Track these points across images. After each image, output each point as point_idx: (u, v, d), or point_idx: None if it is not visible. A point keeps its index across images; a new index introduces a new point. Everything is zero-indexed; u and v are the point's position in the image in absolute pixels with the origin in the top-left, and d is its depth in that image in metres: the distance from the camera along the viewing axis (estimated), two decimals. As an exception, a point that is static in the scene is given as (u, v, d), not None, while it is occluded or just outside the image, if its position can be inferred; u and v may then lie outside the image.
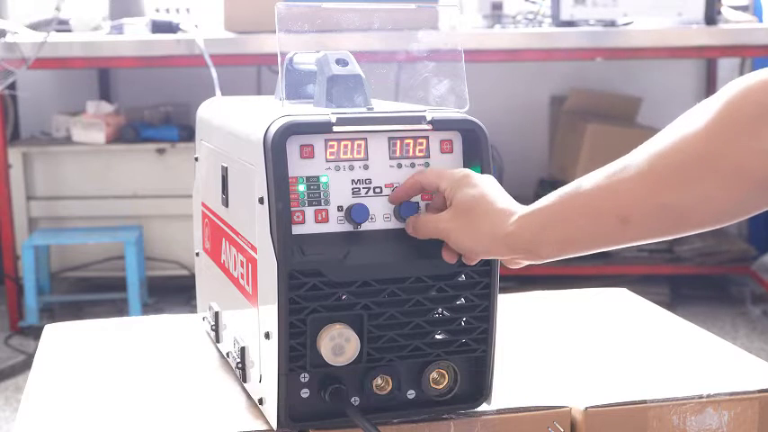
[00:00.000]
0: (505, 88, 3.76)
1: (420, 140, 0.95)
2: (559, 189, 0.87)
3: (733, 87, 0.77)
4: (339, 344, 0.90)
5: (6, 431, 2.30)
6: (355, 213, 0.92)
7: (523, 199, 0.91)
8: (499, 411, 0.98)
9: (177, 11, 3.23)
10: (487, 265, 0.94)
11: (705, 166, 0.77)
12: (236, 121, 1.04)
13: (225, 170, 1.05)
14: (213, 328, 1.13)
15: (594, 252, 0.88)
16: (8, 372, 2.70)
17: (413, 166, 0.95)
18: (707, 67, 3.79)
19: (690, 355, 1.17)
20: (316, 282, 0.90)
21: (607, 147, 3.00)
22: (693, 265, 3.28)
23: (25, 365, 2.70)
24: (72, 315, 3.10)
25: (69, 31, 3.15)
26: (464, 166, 0.96)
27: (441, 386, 0.96)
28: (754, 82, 0.76)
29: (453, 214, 0.91)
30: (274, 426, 0.93)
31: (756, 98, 0.75)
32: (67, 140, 3.25)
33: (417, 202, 0.95)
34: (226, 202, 1.06)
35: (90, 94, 3.62)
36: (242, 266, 1.00)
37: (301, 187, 0.91)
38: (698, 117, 0.78)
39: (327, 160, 0.93)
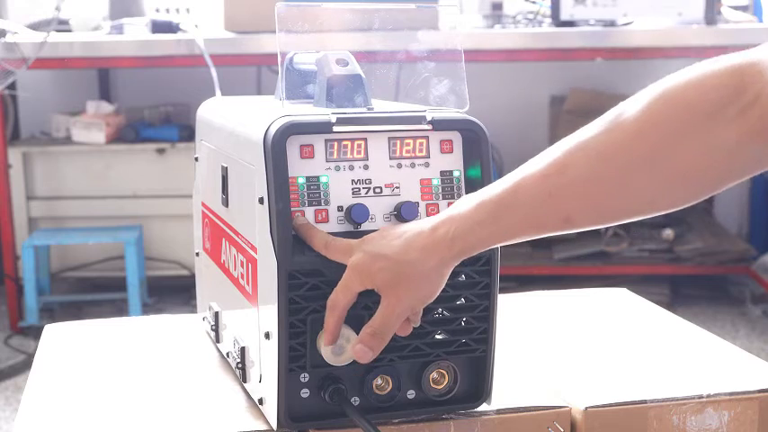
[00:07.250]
0: (505, 88, 3.76)
1: (420, 140, 0.95)
2: (493, 190, 0.83)
3: (670, 85, 0.75)
4: (339, 344, 0.90)
5: (6, 431, 2.30)
6: (355, 213, 0.92)
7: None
8: (499, 411, 0.98)
9: (177, 11, 3.23)
10: (487, 264, 0.94)
11: (650, 169, 0.75)
12: (236, 121, 1.04)
13: (225, 170, 1.05)
14: (213, 328, 1.13)
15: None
16: (8, 372, 2.70)
17: (413, 166, 0.95)
18: (707, 67, 3.78)
19: (690, 355, 1.17)
20: (316, 282, 0.90)
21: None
22: (693, 265, 3.28)
23: (25, 365, 2.70)
24: (72, 315, 3.10)
25: (69, 31, 3.15)
26: (464, 166, 0.96)
27: (441, 386, 0.96)
28: (693, 76, 0.74)
29: (389, 289, 0.87)
30: (274, 426, 0.93)
31: (701, 95, 0.73)
32: (67, 140, 3.25)
33: (417, 203, 0.94)
34: (226, 202, 1.06)
35: (90, 94, 3.62)
36: (242, 266, 1.00)
37: (301, 187, 0.91)
38: (635, 116, 0.76)
39: (327, 160, 0.92)
